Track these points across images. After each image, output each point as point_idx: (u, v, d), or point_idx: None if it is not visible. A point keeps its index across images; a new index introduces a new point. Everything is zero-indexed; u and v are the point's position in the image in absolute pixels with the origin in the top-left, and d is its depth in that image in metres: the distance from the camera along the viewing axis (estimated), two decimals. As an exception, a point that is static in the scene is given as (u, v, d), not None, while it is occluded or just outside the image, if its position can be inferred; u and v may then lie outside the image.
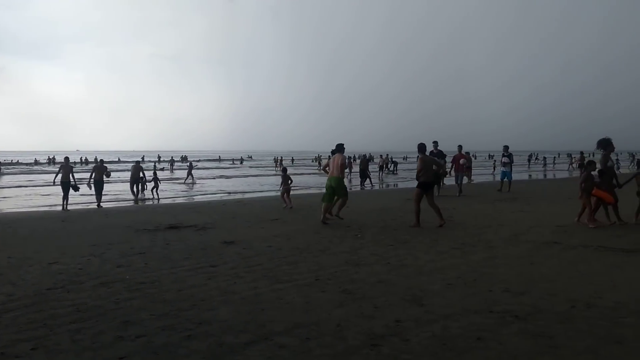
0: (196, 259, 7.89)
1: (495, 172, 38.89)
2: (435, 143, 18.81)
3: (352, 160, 30.60)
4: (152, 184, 22.88)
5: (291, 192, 16.46)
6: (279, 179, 20.35)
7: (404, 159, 79.13)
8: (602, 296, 5.43)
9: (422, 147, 11.42)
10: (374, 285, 6.13)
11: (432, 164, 11.34)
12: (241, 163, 79.29)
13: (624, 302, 5.20)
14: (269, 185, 30.58)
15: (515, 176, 23.13)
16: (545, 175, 40.20)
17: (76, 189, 17.73)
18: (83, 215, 15.06)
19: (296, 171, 42.88)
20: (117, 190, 25.89)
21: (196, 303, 5.54)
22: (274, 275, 6.70)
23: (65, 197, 17.38)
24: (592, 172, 10.85)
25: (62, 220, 13.23)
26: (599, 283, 5.97)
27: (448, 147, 20.26)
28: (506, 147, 20.67)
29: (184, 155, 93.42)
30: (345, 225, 11.33)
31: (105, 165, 20.00)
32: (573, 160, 45.86)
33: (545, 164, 60.30)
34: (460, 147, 20.56)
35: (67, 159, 19.05)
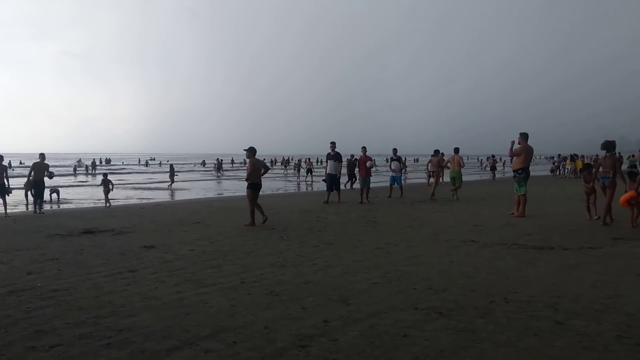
0: (114, 264, 7.53)
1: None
2: (333, 144, 17.13)
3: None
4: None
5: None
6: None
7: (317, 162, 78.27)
8: (518, 291, 5.69)
9: (252, 150, 12.13)
10: (301, 286, 6.09)
11: (261, 167, 12.34)
12: (146, 166, 77.07)
13: (538, 296, 5.47)
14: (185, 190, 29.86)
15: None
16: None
17: (8, 192, 15.23)
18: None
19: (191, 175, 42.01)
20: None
21: (115, 309, 5.26)
22: (197, 280, 6.51)
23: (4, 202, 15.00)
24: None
25: (-37, 226, 12.21)
26: (514, 278, 6.26)
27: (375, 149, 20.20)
28: (395, 150, 19.92)
29: (107, 157, 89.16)
30: (269, 227, 11.24)
31: (46, 162, 16.56)
32: (487, 164, 48.49)
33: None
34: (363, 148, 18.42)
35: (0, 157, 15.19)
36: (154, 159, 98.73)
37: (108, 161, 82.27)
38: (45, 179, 16.49)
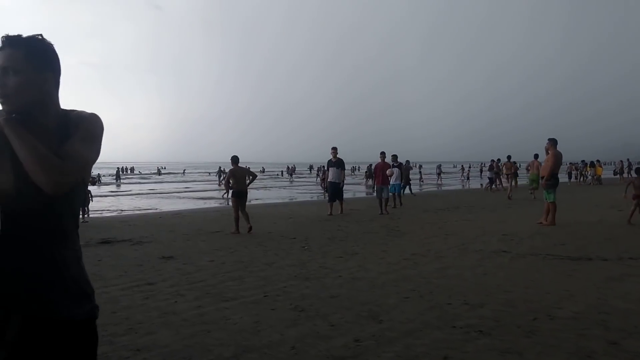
0: (132, 276, 7.27)
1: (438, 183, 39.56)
2: (335, 149, 15.91)
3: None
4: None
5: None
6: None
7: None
8: (561, 306, 5.28)
9: (234, 159, 12.30)
10: (327, 300, 5.75)
11: (244, 175, 12.49)
12: (159, 174, 77.10)
13: (584, 312, 5.07)
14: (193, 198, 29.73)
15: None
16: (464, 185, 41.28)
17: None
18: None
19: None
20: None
21: (132, 326, 4.98)
22: (218, 293, 6.21)
23: None
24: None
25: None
26: (554, 292, 5.86)
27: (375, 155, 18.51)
28: (395, 157, 18.28)
29: (132, 166, 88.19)
30: (290, 236, 10.94)
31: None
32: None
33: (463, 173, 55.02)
34: (394, 156, 18.14)
35: None
36: (165, 168, 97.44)
37: (132, 170, 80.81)
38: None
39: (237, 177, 12.33)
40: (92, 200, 21.02)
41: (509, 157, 25.51)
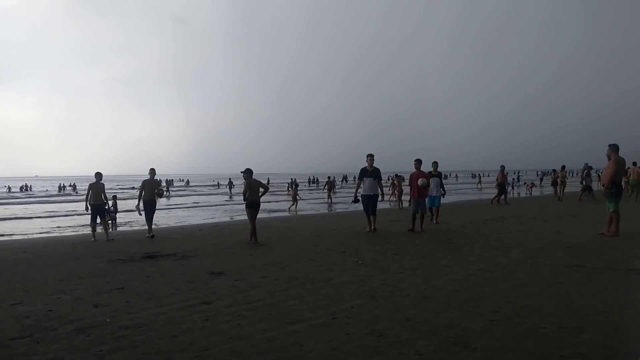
0: (184, 295, 6.88)
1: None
2: (371, 156, 13.57)
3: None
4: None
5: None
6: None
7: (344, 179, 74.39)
8: (675, 332, 4.69)
9: (248, 171, 12.38)
10: (403, 323, 5.25)
11: (258, 186, 12.54)
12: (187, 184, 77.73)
13: None
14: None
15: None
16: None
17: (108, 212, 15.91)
18: (46, 244, 13.73)
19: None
20: (80, 214, 24.35)
21: (199, 353, 4.55)
22: (281, 314, 5.76)
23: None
24: None
25: (24, 252, 11.89)
26: (659, 314, 5.25)
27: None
28: (435, 164, 15.99)
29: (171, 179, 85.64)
30: (338, 250, 10.45)
31: (157, 179, 15.01)
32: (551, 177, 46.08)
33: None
34: (434, 163, 15.99)
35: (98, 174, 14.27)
36: (186, 180, 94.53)
37: (170, 182, 74.83)
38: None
39: (252, 189, 12.44)
40: (114, 213, 19.80)
41: (563, 167, 28.76)
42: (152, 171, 14.54)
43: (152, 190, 14.34)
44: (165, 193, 15.19)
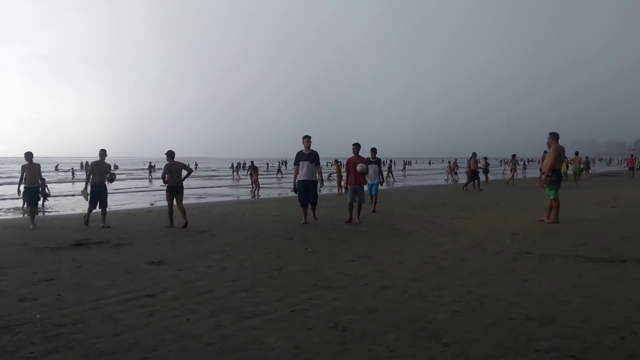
0: (123, 286, 6.30)
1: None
2: (308, 138, 12.42)
3: None
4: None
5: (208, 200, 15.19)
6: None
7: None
8: (638, 320, 4.66)
9: (169, 154, 12.38)
10: (367, 316, 4.97)
11: (180, 169, 12.50)
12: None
13: (669, 328, 4.46)
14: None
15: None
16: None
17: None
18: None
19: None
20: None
21: (146, 355, 4.07)
22: (235, 307, 5.33)
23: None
24: None
25: None
26: (619, 303, 5.21)
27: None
28: (374, 151, 14.99)
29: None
30: (285, 237, 10.08)
31: (108, 163, 13.19)
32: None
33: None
34: (373, 150, 14.96)
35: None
36: (113, 165, 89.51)
37: (116, 167, 72.53)
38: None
39: (172, 172, 12.40)
40: (49, 193, 20.10)
41: (513, 156, 32.07)
42: (103, 152, 12.88)
43: (102, 175, 12.80)
44: (114, 177, 13.30)
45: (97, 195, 12.76)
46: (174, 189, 12.42)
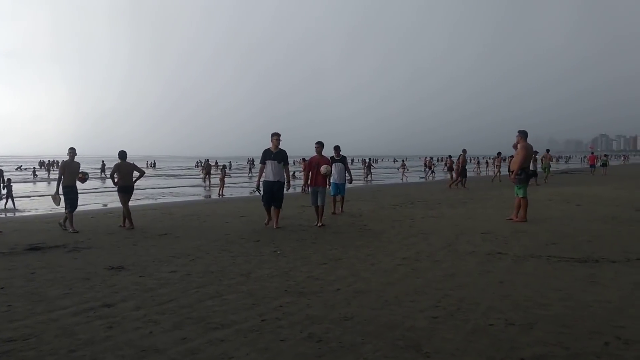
0: (80, 295, 5.89)
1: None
2: (277, 136, 11.64)
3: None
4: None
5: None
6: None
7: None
8: (622, 324, 4.53)
9: (120, 154, 12.15)
10: (342, 324, 4.71)
11: (131, 170, 12.36)
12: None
13: (651, 331, 4.36)
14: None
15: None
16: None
17: None
18: None
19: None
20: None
21: (105, 374, 3.72)
22: (201, 317, 5.00)
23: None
24: None
25: None
26: (598, 306, 5.11)
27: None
28: (337, 149, 14.15)
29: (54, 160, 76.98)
30: (253, 239, 9.76)
31: (77, 162, 12.19)
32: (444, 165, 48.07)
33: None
34: (336, 147, 14.11)
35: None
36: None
37: (43, 164, 72.40)
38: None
39: (122, 172, 12.18)
40: (10, 185, 19.32)
41: (498, 154, 34.97)
42: (72, 151, 11.94)
43: (73, 175, 11.88)
44: (87, 177, 12.30)
45: (73, 195, 11.73)
46: (126, 190, 12.19)
